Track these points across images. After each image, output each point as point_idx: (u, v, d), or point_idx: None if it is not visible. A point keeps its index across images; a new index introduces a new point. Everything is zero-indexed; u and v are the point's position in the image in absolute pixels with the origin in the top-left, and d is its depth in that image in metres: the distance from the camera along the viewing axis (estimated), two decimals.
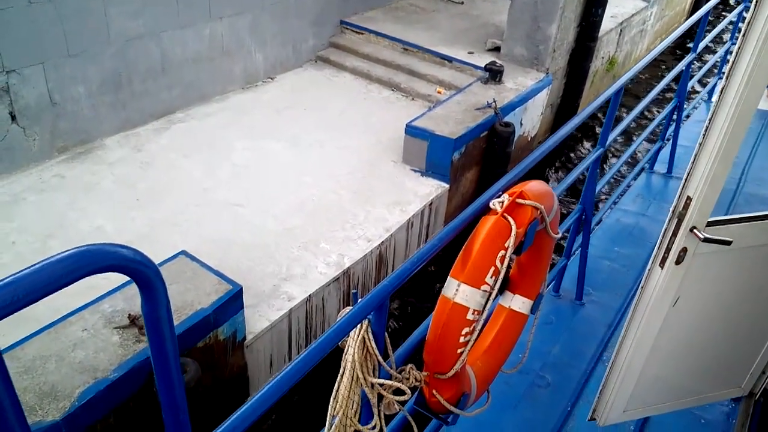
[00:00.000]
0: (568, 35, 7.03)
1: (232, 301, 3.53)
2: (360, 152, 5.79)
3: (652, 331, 2.39)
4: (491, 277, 1.76)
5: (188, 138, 5.72)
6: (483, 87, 6.39)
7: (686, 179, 2.10)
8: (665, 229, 2.18)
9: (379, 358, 1.68)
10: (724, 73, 1.95)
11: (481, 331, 2.14)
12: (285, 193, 5.12)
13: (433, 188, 5.44)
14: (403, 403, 1.78)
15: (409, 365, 1.82)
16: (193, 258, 3.71)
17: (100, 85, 5.30)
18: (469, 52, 7.21)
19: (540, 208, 1.88)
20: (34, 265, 0.89)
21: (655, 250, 2.23)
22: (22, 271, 0.88)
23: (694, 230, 2.13)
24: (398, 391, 1.73)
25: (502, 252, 1.77)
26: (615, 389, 2.54)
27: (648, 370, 2.51)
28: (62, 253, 0.92)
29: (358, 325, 1.63)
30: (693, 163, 2.07)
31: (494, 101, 5.95)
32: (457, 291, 1.75)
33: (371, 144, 5.94)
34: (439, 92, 6.74)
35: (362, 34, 7.58)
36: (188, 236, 4.50)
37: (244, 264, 4.32)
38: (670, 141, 5.27)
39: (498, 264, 1.76)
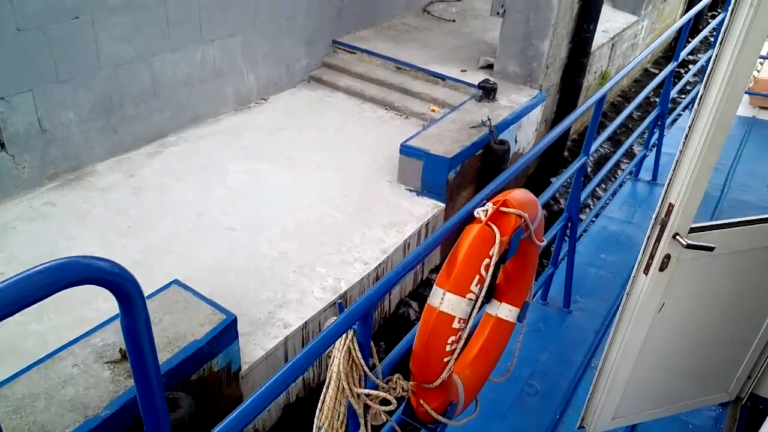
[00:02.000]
0: (561, 51, 7.04)
1: (227, 332, 3.44)
2: (355, 173, 5.74)
3: (639, 337, 2.41)
4: (476, 286, 1.77)
5: (181, 161, 5.66)
6: (477, 105, 6.37)
7: (668, 186, 2.11)
8: (648, 236, 2.21)
9: (365, 368, 1.67)
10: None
11: (468, 339, 2.19)
12: (280, 216, 5.06)
13: (429, 208, 5.38)
14: (390, 414, 1.78)
15: (396, 375, 1.81)
16: (185, 287, 3.63)
17: (91, 110, 5.25)
18: (462, 70, 7.21)
19: (524, 216, 1.90)
20: (10, 278, 0.87)
21: (639, 257, 2.25)
22: None
23: (677, 237, 2.15)
24: (385, 402, 1.72)
25: (487, 260, 1.78)
26: (603, 396, 2.55)
27: (635, 377, 2.52)
28: (38, 266, 0.90)
29: (344, 335, 1.64)
30: (674, 170, 2.09)
31: (488, 119, 5.92)
32: (443, 300, 1.76)
33: (366, 164, 5.90)
34: (432, 110, 6.72)
35: (355, 53, 7.57)
36: (181, 263, 4.42)
37: (238, 290, 4.25)
38: (655, 149, 5.33)
39: (483, 272, 1.77)
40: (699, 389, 2.81)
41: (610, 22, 9.17)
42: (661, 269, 2.20)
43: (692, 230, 2.19)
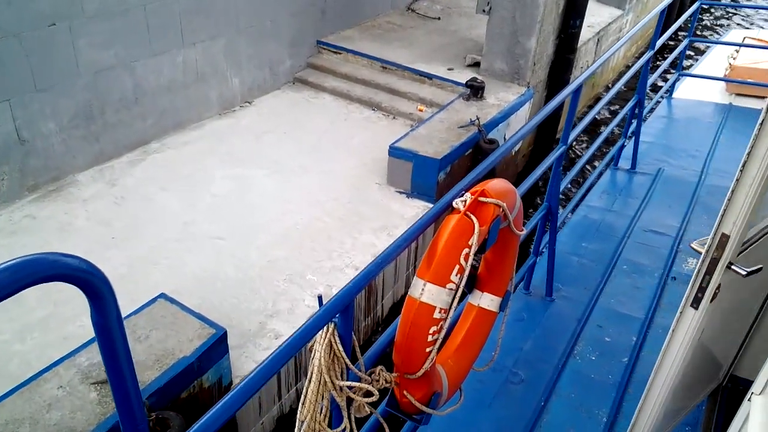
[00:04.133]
0: (548, 48, 6.99)
1: (216, 346, 3.36)
2: (343, 176, 5.66)
3: (681, 368, 2.37)
4: (456, 276, 1.77)
5: (165, 169, 5.54)
6: (465, 104, 6.30)
7: (722, 217, 2.01)
8: (698, 270, 2.11)
9: (347, 360, 1.67)
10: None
11: (450, 329, 2.20)
12: (268, 222, 4.96)
13: (419, 210, 5.31)
14: (374, 406, 1.78)
15: (379, 367, 1.81)
16: (172, 301, 3.53)
17: (71, 118, 5.12)
18: (449, 69, 7.14)
19: (502, 205, 1.91)
20: None
21: (687, 291, 2.16)
22: None
23: (732, 267, 2.06)
24: (368, 394, 1.72)
25: (466, 250, 1.79)
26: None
27: (671, 403, 2.49)
28: (3, 263, 0.88)
29: (324, 328, 1.63)
30: (729, 200, 1.98)
31: (477, 118, 5.86)
32: (423, 290, 1.76)
33: (355, 166, 5.82)
34: (420, 110, 6.65)
35: (340, 53, 7.47)
36: (168, 275, 4.32)
37: (228, 301, 4.15)
38: (633, 138, 5.37)
39: (462, 262, 1.78)
40: (705, 386, 2.85)
41: (595, 17, 9.15)
42: (712, 300, 2.14)
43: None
